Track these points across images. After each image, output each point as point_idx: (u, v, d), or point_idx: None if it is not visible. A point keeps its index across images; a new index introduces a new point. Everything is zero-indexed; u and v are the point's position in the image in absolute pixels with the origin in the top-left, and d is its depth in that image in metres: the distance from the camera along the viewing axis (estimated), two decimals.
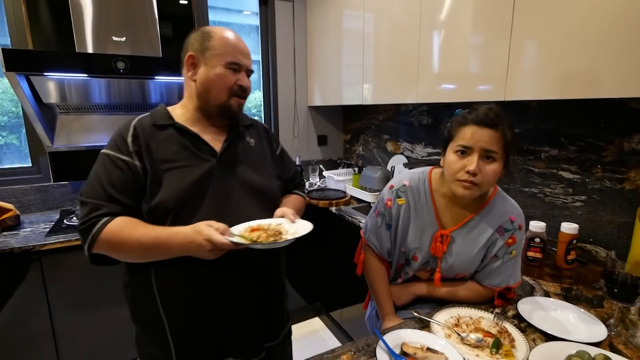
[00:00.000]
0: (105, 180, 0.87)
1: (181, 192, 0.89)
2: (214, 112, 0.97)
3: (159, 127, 0.94)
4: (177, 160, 0.92)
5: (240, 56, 0.96)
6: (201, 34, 0.96)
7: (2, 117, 2.17)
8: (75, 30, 1.76)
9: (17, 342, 1.65)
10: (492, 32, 1.37)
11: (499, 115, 0.89)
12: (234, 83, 0.96)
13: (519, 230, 1.00)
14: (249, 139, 1.07)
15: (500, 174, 0.92)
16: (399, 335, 0.89)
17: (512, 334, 0.90)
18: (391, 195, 1.07)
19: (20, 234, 1.72)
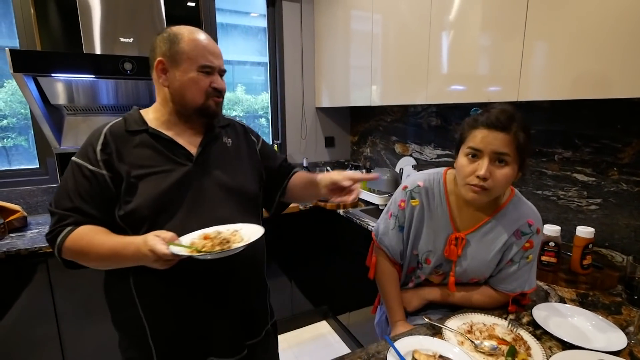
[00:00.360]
0: (72, 190, 0.87)
1: (157, 198, 0.88)
2: (192, 114, 0.95)
3: (132, 132, 0.91)
4: (151, 165, 0.90)
5: (212, 58, 0.93)
6: (169, 37, 0.92)
7: (11, 118, 2.18)
8: (83, 32, 1.77)
9: (23, 344, 1.65)
10: (504, 33, 1.35)
11: (511, 117, 0.86)
12: (208, 86, 0.93)
13: (537, 234, 0.97)
14: (226, 139, 1.04)
15: (513, 178, 0.89)
16: (410, 342, 0.87)
17: (527, 341, 0.87)
18: (405, 196, 1.05)
19: (27, 236, 1.72)
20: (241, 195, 1.00)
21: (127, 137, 0.90)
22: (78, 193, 0.86)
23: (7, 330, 1.61)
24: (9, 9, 1.96)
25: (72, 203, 0.86)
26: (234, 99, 2.80)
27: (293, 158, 2.76)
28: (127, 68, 1.72)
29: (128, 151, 0.89)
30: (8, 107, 2.14)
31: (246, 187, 1.02)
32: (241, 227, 0.89)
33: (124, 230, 0.89)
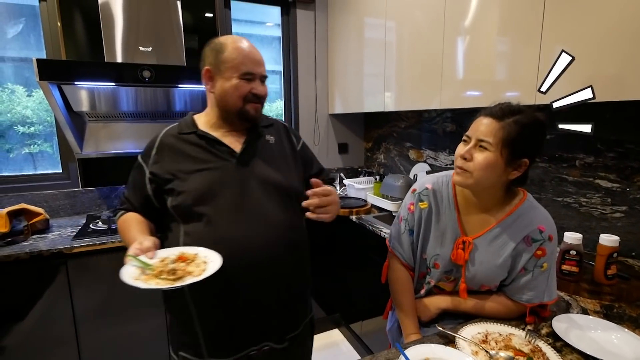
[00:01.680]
0: (130, 182, 1.07)
1: (202, 191, 0.97)
2: (234, 117, 1.04)
3: (183, 134, 1.04)
4: (197, 162, 1.00)
5: (253, 65, 1.01)
6: (215, 47, 1.01)
7: (38, 126, 2.27)
8: (105, 42, 1.83)
9: (41, 343, 1.69)
10: (521, 38, 1.32)
11: (510, 111, 0.86)
12: (248, 91, 1.01)
13: (550, 242, 0.93)
14: (269, 137, 1.11)
15: (494, 167, 0.88)
16: (421, 350, 0.84)
17: (546, 353, 0.83)
18: (413, 199, 1.03)
19: (49, 237, 1.78)
20: (283, 190, 1.06)
21: (179, 139, 1.03)
22: (132, 185, 1.06)
23: (27, 331, 1.66)
24: (37, 22, 2.06)
25: (127, 192, 1.07)
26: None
27: None
28: (146, 76, 1.77)
29: (178, 151, 1.02)
30: (35, 115, 2.24)
31: (288, 183, 1.07)
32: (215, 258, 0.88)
33: (177, 220, 1.00)
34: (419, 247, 1.04)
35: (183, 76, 1.91)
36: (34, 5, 2.05)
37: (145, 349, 1.87)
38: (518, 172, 0.90)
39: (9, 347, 1.65)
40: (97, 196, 2.24)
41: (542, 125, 0.88)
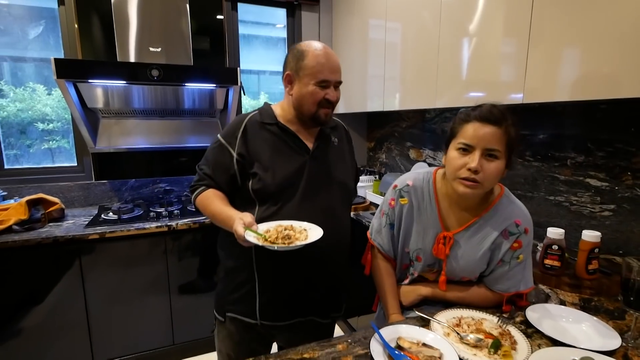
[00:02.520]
0: (212, 161, 1.13)
1: (281, 179, 1.08)
2: (306, 120, 1.13)
3: (266, 124, 1.13)
4: (279, 152, 1.11)
5: (329, 73, 1.07)
6: (297, 54, 1.08)
7: (56, 123, 2.40)
8: (118, 42, 1.94)
9: (53, 328, 1.81)
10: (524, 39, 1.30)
11: (503, 113, 0.89)
12: (322, 97, 1.08)
13: (525, 234, 0.97)
14: (334, 138, 1.22)
15: (502, 172, 0.91)
16: (396, 329, 0.90)
17: (514, 336, 0.87)
18: (394, 195, 1.08)
19: (64, 225, 1.90)
20: (342, 188, 1.19)
21: (262, 127, 1.12)
22: (214, 163, 1.12)
23: (40, 316, 1.77)
24: (56, 24, 2.19)
25: (209, 170, 1.12)
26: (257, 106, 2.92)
27: None
28: (155, 74, 1.87)
29: (261, 139, 1.11)
30: (54, 113, 2.37)
31: (346, 181, 1.21)
32: (310, 227, 1.02)
33: (254, 202, 1.10)
34: (401, 241, 1.09)
35: (190, 75, 2.00)
36: (54, 8, 2.18)
37: (151, 329, 1.97)
38: (508, 168, 0.93)
39: (26, 328, 1.77)
40: (109, 189, 2.36)
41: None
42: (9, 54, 2.20)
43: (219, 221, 1.06)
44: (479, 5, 1.49)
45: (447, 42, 1.68)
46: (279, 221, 1.03)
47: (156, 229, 1.89)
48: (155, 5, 2.00)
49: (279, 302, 1.14)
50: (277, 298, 1.14)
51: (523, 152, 1.70)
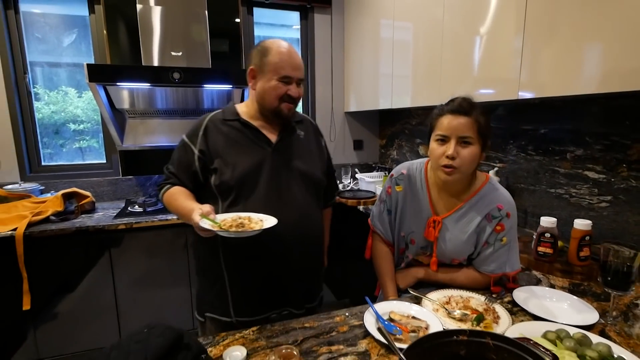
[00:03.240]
0: (176, 160, 1.17)
1: (242, 173, 1.10)
2: (269, 115, 1.16)
3: (227, 120, 1.17)
4: (240, 147, 1.14)
5: (292, 70, 1.11)
6: (261, 50, 1.12)
7: (87, 124, 2.60)
8: (143, 47, 2.10)
9: (86, 312, 1.98)
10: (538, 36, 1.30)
11: (471, 104, 0.99)
12: (284, 93, 1.12)
13: (507, 218, 1.05)
14: (299, 132, 1.25)
15: (478, 156, 1.00)
16: (389, 305, 0.99)
17: (498, 312, 0.95)
18: (390, 183, 1.18)
19: (94, 217, 2.07)
20: (308, 179, 1.20)
21: (224, 124, 1.16)
22: (179, 162, 1.16)
23: (74, 300, 1.95)
24: (88, 32, 2.38)
25: (173, 168, 1.17)
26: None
27: None
28: (176, 77, 2.01)
29: (224, 135, 1.14)
30: (85, 114, 2.57)
31: (313, 173, 1.22)
32: (267, 218, 1.04)
33: (216, 197, 1.13)
34: (397, 226, 1.19)
35: (209, 77, 2.14)
36: (85, 16, 2.36)
37: (173, 313, 2.13)
38: (485, 154, 1.03)
39: (61, 312, 1.95)
40: (135, 184, 2.53)
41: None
42: (46, 60, 2.41)
43: (182, 215, 1.07)
44: (490, 3, 1.49)
45: (457, 40, 1.71)
46: (238, 213, 1.06)
47: (177, 220, 2.04)
48: (176, 13, 2.15)
49: (252, 297, 1.15)
50: (248, 293, 1.15)
51: (525, 146, 1.75)
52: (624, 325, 0.93)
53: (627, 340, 0.86)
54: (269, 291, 1.16)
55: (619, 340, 0.86)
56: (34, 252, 1.82)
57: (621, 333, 0.89)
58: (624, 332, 0.90)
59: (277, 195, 1.13)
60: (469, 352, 0.72)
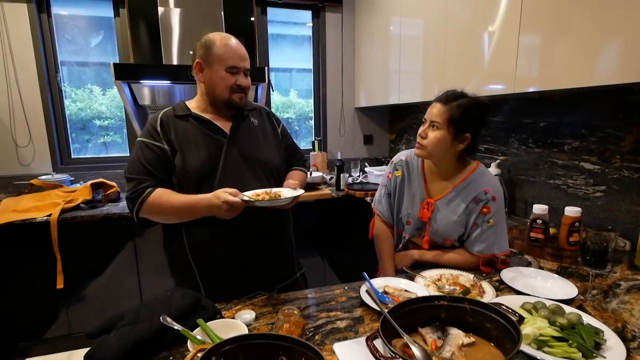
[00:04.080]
0: (144, 160, 1.10)
1: (200, 164, 1.11)
2: (221, 106, 1.18)
3: (179, 117, 1.16)
4: (196, 140, 1.13)
5: (239, 60, 1.13)
6: (205, 43, 1.13)
7: (110, 120, 2.78)
8: (164, 47, 2.25)
9: (112, 294, 2.14)
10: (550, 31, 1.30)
11: (454, 96, 1.09)
12: (233, 83, 1.14)
13: (493, 201, 1.13)
14: (253, 119, 1.26)
15: (444, 142, 1.10)
16: (384, 280, 1.09)
17: (484, 287, 1.04)
18: (391, 168, 1.28)
19: (119, 205, 2.24)
20: (265, 166, 1.23)
21: (176, 120, 1.15)
22: (148, 162, 1.10)
23: (102, 282, 2.12)
24: (113, 33, 2.55)
25: (146, 169, 1.09)
26: (288, 103, 3.16)
27: (332, 153, 3.05)
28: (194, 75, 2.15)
29: (178, 130, 1.13)
30: (109, 111, 2.74)
31: (269, 160, 1.24)
32: (281, 190, 1.13)
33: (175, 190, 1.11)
34: (396, 208, 1.29)
35: None
36: (111, 17, 2.53)
37: None
38: (463, 144, 1.12)
39: (90, 293, 2.13)
40: None
41: (482, 106, 1.09)
42: (75, 60, 2.59)
43: (188, 209, 1.07)
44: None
45: (466, 36, 1.73)
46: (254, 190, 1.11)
47: None
48: (194, 14, 2.28)
49: (221, 287, 1.15)
50: (218, 283, 1.16)
51: (526, 139, 1.81)
52: (601, 301, 1.01)
53: (602, 314, 0.94)
54: (238, 279, 1.18)
55: (594, 314, 0.93)
56: (67, 236, 2.00)
57: (598, 308, 0.97)
58: (600, 307, 0.98)
59: (235, 184, 1.09)
60: (448, 315, 0.82)
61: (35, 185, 2.28)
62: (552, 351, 0.77)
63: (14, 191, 2.33)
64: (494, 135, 2.02)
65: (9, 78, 2.32)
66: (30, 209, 2.03)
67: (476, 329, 0.79)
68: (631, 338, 0.84)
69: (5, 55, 2.29)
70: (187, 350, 0.79)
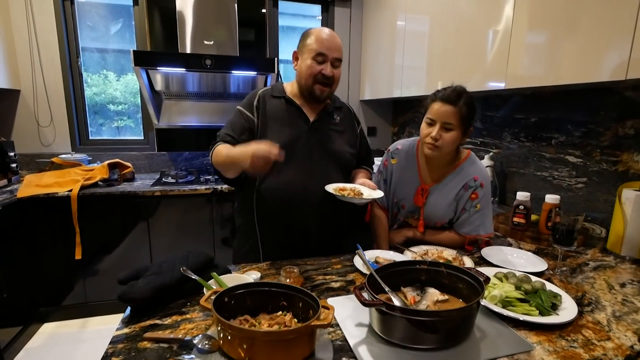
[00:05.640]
0: (231, 124, 1.28)
1: (281, 143, 1.11)
2: (305, 94, 1.28)
3: (275, 97, 1.31)
4: (282, 120, 1.27)
5: (327, 49, 1.19)
6: (304, 34, 1.26)
7: (124, 105, 2.91)
8: (179, 36, 2.37)
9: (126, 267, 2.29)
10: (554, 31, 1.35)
11: (459, 95, 1.17)
12: (318, 72, 1.21)
13: (481, 188, 1.25)
14: (336, 116, 1.37)
15: (458, 139, 1.20)
16: (376, 252, 1.23)
17: (465, 261, 1.17)
18: (387, 156, 1.40)
19: (134, 184, 2.39)
20: (336, 158, 1.33)
21: (272, 99, 1.30)
22: (233, 128, 1.26)
23: (116, 256, 2.28)
24: (131, 22, 2.67)
25: (228, 131, 1.26)
26: None
27: None
28: (207, 64, 2.28)
29: (270, 108, 1.28)
30: (122, 96, 2.88)
31: (341, 153, 1.34)
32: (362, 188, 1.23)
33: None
34: (391, 193, 1.41)
35: (236, 64, 2.39)
36: (130, 6, 2.65)
37: None
38: (467, 137, 1.23)
39: (106, 266, 2.29)
40: (167, 159, 2.84)
41: (473, 98, 1.19)
42: (95, 46, 2.73)
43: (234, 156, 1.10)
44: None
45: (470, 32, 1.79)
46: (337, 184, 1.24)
47: (205, 190, 2.33)
48: (209, 5, 2.40)
49: (278, 252, 1.26)
50: (276, 248, 1.29)
51: (518, 133, 1.92)
52: (568, 276, 1.13)
53: (566, 285, 1.07)
54: (294, 247, 1.28)
55: (559, 285, 1.06)
56: (85, 211, 2.15)
57: (563, 281, 1.10)
58: (566, 280, 1.10)
59: (308, 167, 1.25)
60: (428, 277, 0.95)
61: (55, 163, 2.43)
62: (514, 309, 0.89)
63: (36, 168, 2.49)
64: (489, 129, 2.13)
65: (34, 62, 2.47)
66: (52, 184, 2.19)
67: (451, 290, 0.92)
68: (587, 303, 0.96)
69: (31, 41, 2.43)
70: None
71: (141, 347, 0.74)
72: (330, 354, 0.73)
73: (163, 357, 0.71)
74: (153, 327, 0.81)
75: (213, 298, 0.75)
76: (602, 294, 1.02)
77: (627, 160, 1.41)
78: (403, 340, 0.75)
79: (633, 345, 0.79)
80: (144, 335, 0.76)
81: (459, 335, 0.78)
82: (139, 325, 0.82)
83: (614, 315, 0.91)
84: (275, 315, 0.80)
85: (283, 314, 0.81)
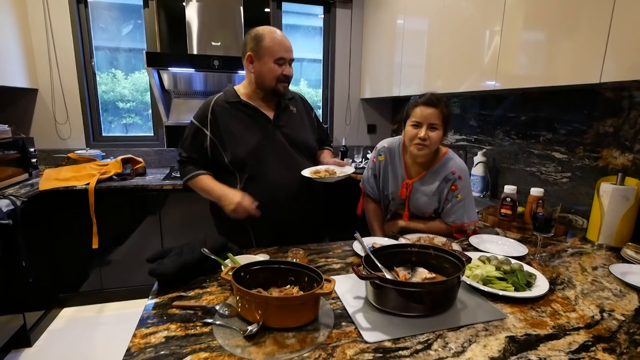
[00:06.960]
0: (192, 145, 1.38)
1: (252, 148, 1.30)
2: (267, 93, 1.37)
3: (230, 103, 1.36)
4: (245, 125, 1.34)
5: (285, 52, 1.31)
6: (255, 37, 1.29)
7: (132, 103, 3.03)
8: (188, 38, 2.49)
9: (138, 256, 2.43)
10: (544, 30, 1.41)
11: (438, 98, 1.31)
12: (280, 73, 1.32)
13: (459, 180, 1.38)
14: (292, 107, 1.47)
15: (442, 137, 1.33)
16: (373, 239, 1.35)
17: (453, 247, 1.29)
18: (376, 154, 1.53)
19: (146, 179, 2.51)
20: (304, 147, 1.45)
21: (227, 106, 1.36)
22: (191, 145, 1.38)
23: (128, 247, 2.41)
24: (142, 23, 2.79)
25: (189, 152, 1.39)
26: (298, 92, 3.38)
27: (338, 140, 3.29)
28: (215, 64, 2.40)
29: (228, 116, 1.33)
30: (131, 94, 3.00)
31: (307, 142, 1.47)
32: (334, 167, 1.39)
33: (233, 172, 1.34)
34: (382, 187, 1.53)
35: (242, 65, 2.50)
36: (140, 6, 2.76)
37: None
38: (446, 136, 1.36)
39: (120, 255, 2.42)
40: (176, 155, 2.96)
41: (449, 101, 1.32)
42: (107, 46, 2.85)
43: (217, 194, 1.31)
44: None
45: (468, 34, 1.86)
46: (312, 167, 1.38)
47: None
48: (216, 8, 2.52)
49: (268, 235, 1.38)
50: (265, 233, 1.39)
51: (509, 131, 2.04)
52: (546, 260, 1.25)
53: (543, 268, 1.19)
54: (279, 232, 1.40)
55: (537, 267, 1.18)
56: (101, 203, 2.28)
57: (541, 264, 1.22)
58: (544, 263, 1.22)
59: (286, 163, 1.35)
60: (418, 259, 1.08)
61: (71, 158, 2.56)
62: (493, 286, 1.02)
63: (53, 163, 2.62)
64: (483, 127, 2.25)
65: (51, 62, 2.59)
66: (70, 178, 2.32)
67: (438, 269, 1.05)
68: (559, 283, 1.09)
69: (49, 42, 2.56)
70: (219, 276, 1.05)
71: (171, 312, 0.87)
72: (332, 319, 0.86)
73: (191, 320, 0.84)
74: (179, 298, 0.94)
75: (231, 273, 0.88)
76: (574, 276, 1.14)
77: (607, 156, 1.53)
78: (394, 309, 0.88)
79: (594, 315, 0.91)
80: (172, 304, 0.89)
81: (442, 305, 0.90)
82: (166, 296, 0.95)
83: (582, 292, 1.03)
84: (284, 288, 0.93)
85: (291, 287, 0.94)
